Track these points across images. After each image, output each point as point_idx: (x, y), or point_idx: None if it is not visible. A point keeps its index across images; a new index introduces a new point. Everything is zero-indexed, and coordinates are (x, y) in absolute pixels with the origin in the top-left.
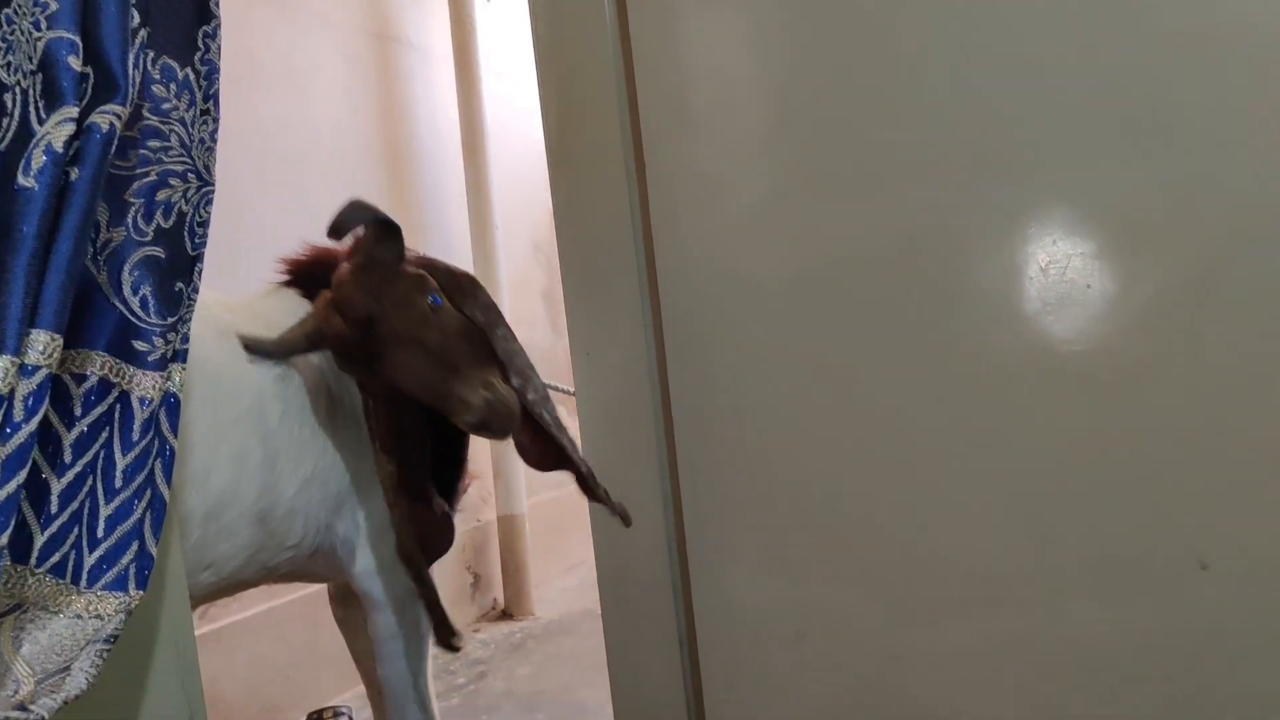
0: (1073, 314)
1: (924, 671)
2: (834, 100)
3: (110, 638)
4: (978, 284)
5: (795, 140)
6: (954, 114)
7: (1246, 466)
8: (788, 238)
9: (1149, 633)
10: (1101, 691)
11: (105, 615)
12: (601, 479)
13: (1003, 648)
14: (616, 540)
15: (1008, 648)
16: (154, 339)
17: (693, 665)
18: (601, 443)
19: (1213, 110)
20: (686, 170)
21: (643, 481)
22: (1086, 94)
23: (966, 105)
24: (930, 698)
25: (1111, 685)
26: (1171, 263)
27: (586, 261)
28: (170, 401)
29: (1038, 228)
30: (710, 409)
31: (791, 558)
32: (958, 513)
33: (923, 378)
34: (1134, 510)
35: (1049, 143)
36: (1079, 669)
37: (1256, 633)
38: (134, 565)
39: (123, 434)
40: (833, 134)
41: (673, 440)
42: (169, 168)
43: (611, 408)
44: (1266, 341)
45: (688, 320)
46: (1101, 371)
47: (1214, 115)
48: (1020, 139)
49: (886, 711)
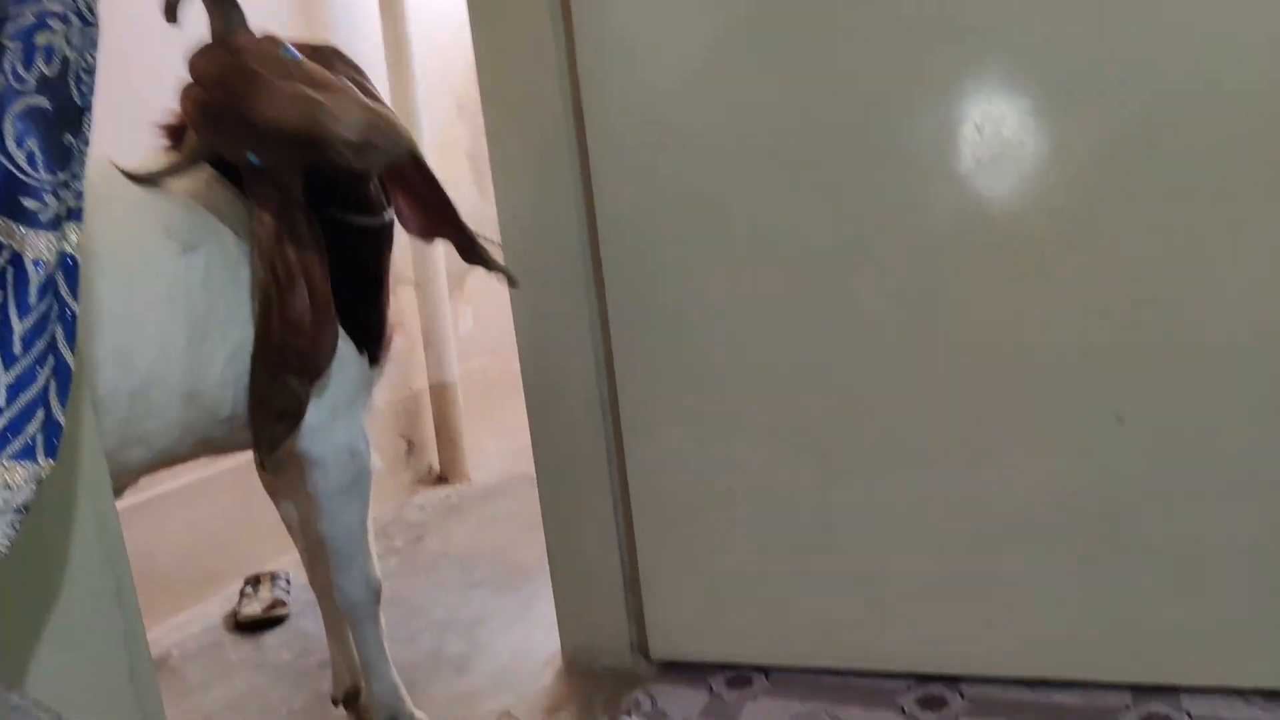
0: (1006, 173)
1: (851, 524)
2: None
3: (22, 507)
4: (912, 143)
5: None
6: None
7: (1163, 324)
8: (722, 97)
9: (1068, 485)
10: (1024, 543)
11: (15, 485)
12: (532, 343)
13: (928, 503)
14: (549, 403)
15: (933, 503)
16: (44, 196)
17: (626, 523)
18: (532, 305)
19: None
20: (616, 27)
21: (575, 343)
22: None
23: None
24: (857, 549)
25: (1033, 537)
26: (1103, 122)
27: (512, 120)
28: (68, 263)
29: (973, 85)
30: (642, 270)
31: (722, 417)
32: (886, 371)
33: (855, 237)
34: (1055, 366)
35: (984, 1)
36: (1002, 523)
37: (1170, 483)
38: (41, 434)
39: (18, 298)
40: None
41: (604, 302)
42: (47, 8)
43: (541, 271)
44: (1191, 201)
45: (619, 181)
46: (1031, 230)
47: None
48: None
49: (814, 562)
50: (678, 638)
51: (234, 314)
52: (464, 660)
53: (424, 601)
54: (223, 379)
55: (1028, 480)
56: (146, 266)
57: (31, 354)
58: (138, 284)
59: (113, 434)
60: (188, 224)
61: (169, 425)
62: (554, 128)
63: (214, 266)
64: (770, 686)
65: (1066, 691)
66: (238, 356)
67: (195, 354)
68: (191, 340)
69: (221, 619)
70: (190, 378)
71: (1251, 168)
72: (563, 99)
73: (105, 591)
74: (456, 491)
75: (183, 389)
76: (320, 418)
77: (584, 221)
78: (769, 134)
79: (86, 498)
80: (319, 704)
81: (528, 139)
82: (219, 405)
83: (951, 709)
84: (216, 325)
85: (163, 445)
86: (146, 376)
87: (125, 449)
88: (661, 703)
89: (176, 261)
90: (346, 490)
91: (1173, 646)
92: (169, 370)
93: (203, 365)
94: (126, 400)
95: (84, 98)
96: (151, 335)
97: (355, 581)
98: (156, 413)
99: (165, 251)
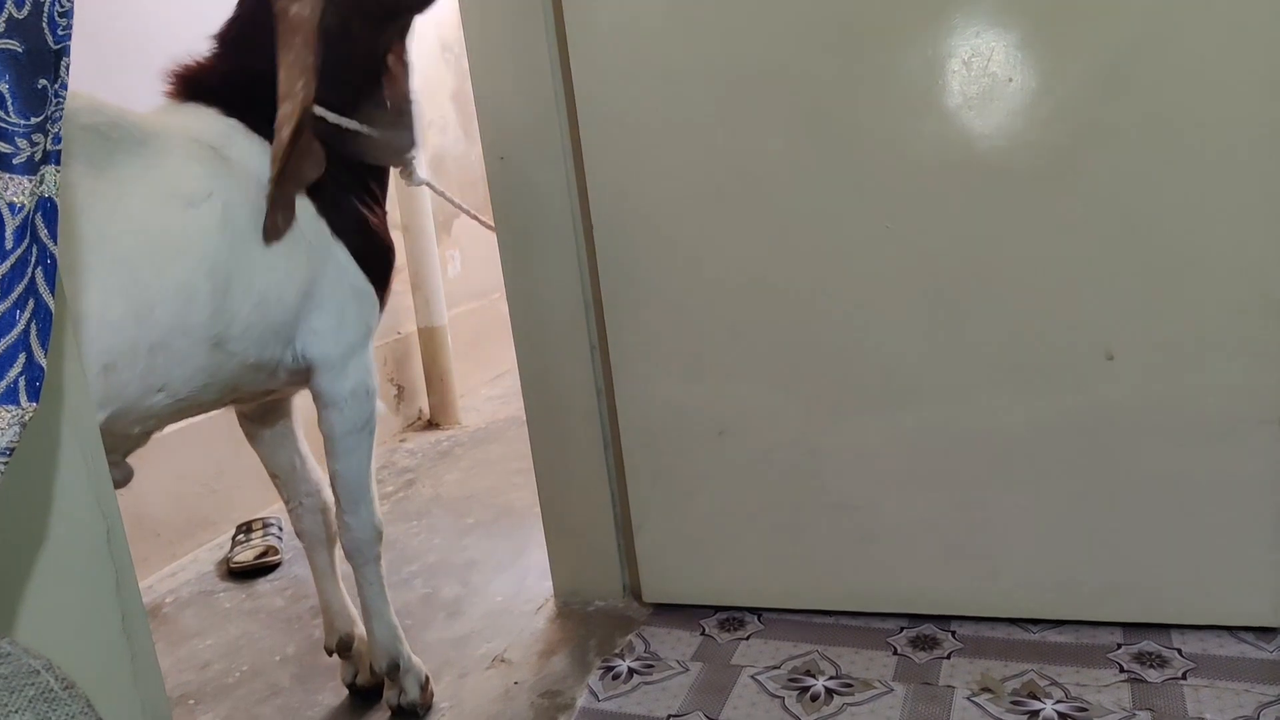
0: (994, 108)
1: (841, 465)
2: None
3: (5, 450)
4: (900, 77)
5: None
6: None
7: (1151, 260)
8: (710, 30)
9: (1057, 421)
10: (1015, 482)
11: None
12: (520, 286)
13: (917, 440)
14: (539, 346)
15: (922, 440)
16: (18, 140)
17: (617, 463)
18: (520, 248)
19: None
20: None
21: (563, 285)
22: None
23: None
24: (847, 489)
25: (1022, 473)
26: (1091, 56)
27: (497, 59)
28: (46, 206)
29: (962, 19)
30: (630, 209)
31: (712, 358)
32: (876, 311)
33: (842, 173)
34: (1045, 303)
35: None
36: (993, 462)
37: (1158, 418)
38: (23, 377)
39: None
40: None
41: (592, 242)
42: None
43: (528, 212)
44: (1178, 137)
45: (605, 118)
46: (1019, 166)
47: None
48: None
49: (805, 504)
50: (670, 580)
51: (256, 263)
52: (457, 604)
53: (416, 546)
54: (249, 324)
55: (1018, 419)
56: (157, 220)
57: (10, 297)
58: (152, 239)
59: (134, 384)
60: (199, 174)
61: (195, 372)
62: (539, 68)
63: (233, 212)
64: (762, 628)
65: (1058, 630)
66: (265, 305)
67: (221, 301)
68: (216, 288)
69: (214, 566)
70: (216, 324)
71: (1239, 99)
72: (547, 36)
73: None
74: (448, 436)
75: (209, 336)
76: (339, 353)
77: (570, 164)
78: (757, 68)
79: (74, 445)
80: (313, 649)
81: (512, 79)
82: (246, 351)
83: (943, 648)
84: (240, 271)
85: (189, 391)
86: (169, 328)
87: (148, 396)
88: (654, 645)
89: (187, 213)
90: (359, 430)
91: (1164, 584)
92: (194, 319)
93: (230, 311)
94: (146, 353)
95: (60, 41)
96: (171, 288)
97: (363, 521)
98: (181, 361)
99: (174, 204)
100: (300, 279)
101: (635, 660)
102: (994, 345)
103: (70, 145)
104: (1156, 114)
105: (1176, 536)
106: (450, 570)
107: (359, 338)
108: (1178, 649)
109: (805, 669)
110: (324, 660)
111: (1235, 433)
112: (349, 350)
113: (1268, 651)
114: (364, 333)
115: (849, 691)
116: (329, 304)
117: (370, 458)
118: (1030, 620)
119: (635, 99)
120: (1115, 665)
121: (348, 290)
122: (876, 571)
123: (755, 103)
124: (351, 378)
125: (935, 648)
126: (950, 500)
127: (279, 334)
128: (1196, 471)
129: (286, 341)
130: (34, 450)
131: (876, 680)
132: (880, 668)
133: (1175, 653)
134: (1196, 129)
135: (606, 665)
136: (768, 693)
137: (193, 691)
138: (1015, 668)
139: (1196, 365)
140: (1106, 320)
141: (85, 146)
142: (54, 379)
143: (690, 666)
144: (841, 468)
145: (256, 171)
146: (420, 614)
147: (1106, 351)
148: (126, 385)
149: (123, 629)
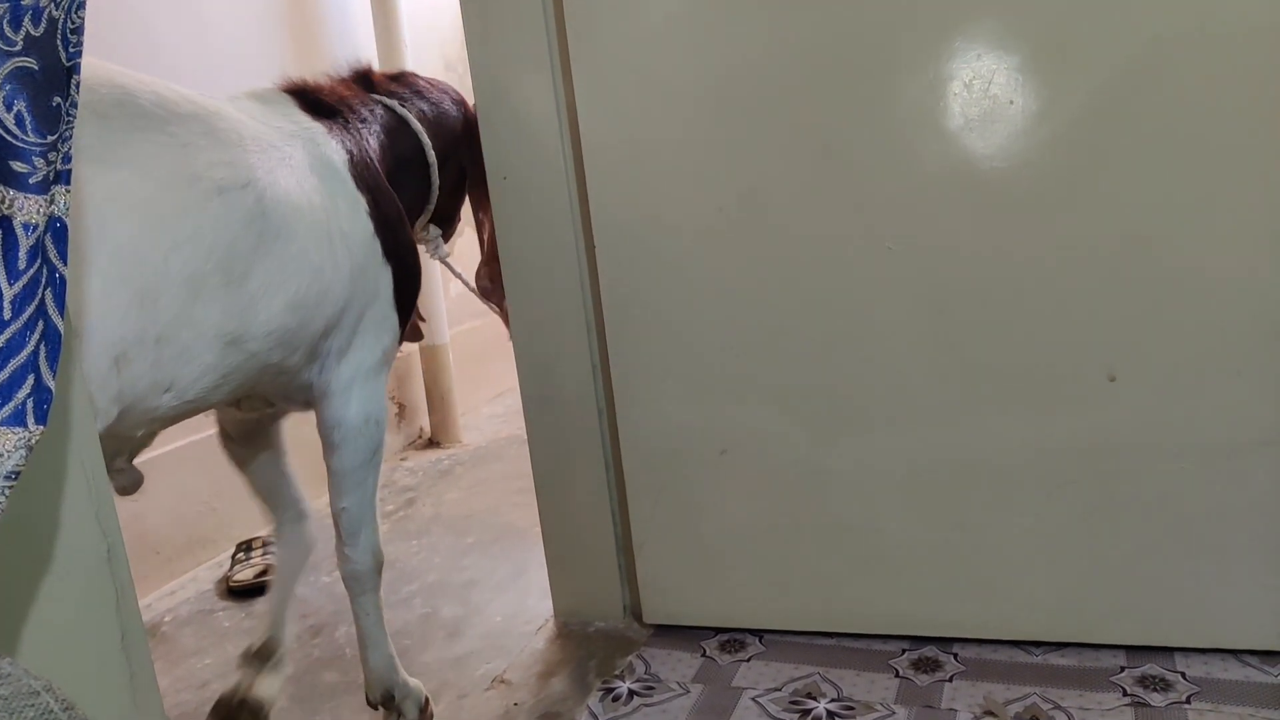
0: (995, 130)
1: (843, 485)
2: None
3: (12, 473)
4: (902, 99)
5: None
6: None
7: (1154, 282)
8: (711, 48)
9: (1059, 443)
10: (1018, 504)
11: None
12: (523, 304)
13: (921, 464)
14: (541, 365)
15: (926, 464)
16: (34, 160)
17: (618, 483)
18: (522, 269)
19: None
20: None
21: (566, 304)
22: None
23: None
24: (849, 510)
25: (1024, 494)
26: (1093, 80)
27: (501, 81)
28: (56, 226)
29: (964, 43)
30: (632, 229)
31: (714, 378)
32: (878, 332)
33: (844, 194)
34: (1047, 325)
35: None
36: (996, 484)
37: (1161, 440)
38: (31, 399)
39: (7, 262)
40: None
41: (594, 262)
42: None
43: (531, 233)
44: (1180, 159)
45: (608, 140)
46: (1020, 188)
47: None
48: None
49: (807, 524)
50: (671, 601)
51: (289, 265)
52: (457, 624)
53: (416, 565)
54: (271, 327)
55: (1021, 440)
56: (172, 206)
57: (21, 319)
58: (161, 225)
59: (141, 379)
60: (229, 161)
61: (204, 371)
62: (542, 89)
63: (269, 205)
64: (764, 650)
65: (1061, 652)
66: (295, 309)
67: (236, 294)
68: (230, 282)
69: (213, 585)
70: (230, 320)
71: (1240, 123)
72: (549, 59)
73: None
74: (448, 454)
75: (221, 332)
76: (351, 376)
77: (573, 184)
78: (759, 87)
79: (77, 464)
80: (312, 669)
81: (516, 100)
82: (268, 353)
83: (946, 671)
84: (271, 268)
85: (198, 391)
86: (174, 319)
87: (155, 396)
88: (654, 666)
89: (210, 200)
90: (365, 463)
91: (1167, 606)
92: (202, 312)
93: (249, 307)
94: (153, 345)
95: (71, 59)
96: (178, 276)
97: (362, 552)
98: (189, 358)
99: (195, 190)
100: (342, 292)
101: (635, 681)
102: (996, 366)
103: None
104: (1158, 136)
105: (1179, 558)
106: (450, 590)
107: (376, 362)
108: (1181, 672)
109: (807, 691)
110: (324, 679)
111: (1238, 455)
112: (366, 374)
113: (1272, 675)
114: (381, 358)
115: (850, 714)
116: (361, 326)
117: (375, 490)
118: (1033, 642)
119: (638, 120)
120: (1118, 689)
121: (378, 314)
122: (878, 593)
123: (758, 125)
124: (362, 405)
125: (937, 670)
126: (952, 521)
127: (308, 343)
128: (1200, 493)
129: (311, 354)
130: (35, 468)
131: (878, 703)
132: (882, 690)
133: (1179, 676)
134: (1198, 152)
135: (606, 686)
136: (769, 715)
137: (191, 711)
138: (1018, 690)
139: (1199, 387)
140: (1109, 342)
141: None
142: (56, 395)
143: (691, 688)
144: (843, 488)
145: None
146: (420, 634)
147: (1109, 373)
148: (139, 379)
149: (122, 647)
